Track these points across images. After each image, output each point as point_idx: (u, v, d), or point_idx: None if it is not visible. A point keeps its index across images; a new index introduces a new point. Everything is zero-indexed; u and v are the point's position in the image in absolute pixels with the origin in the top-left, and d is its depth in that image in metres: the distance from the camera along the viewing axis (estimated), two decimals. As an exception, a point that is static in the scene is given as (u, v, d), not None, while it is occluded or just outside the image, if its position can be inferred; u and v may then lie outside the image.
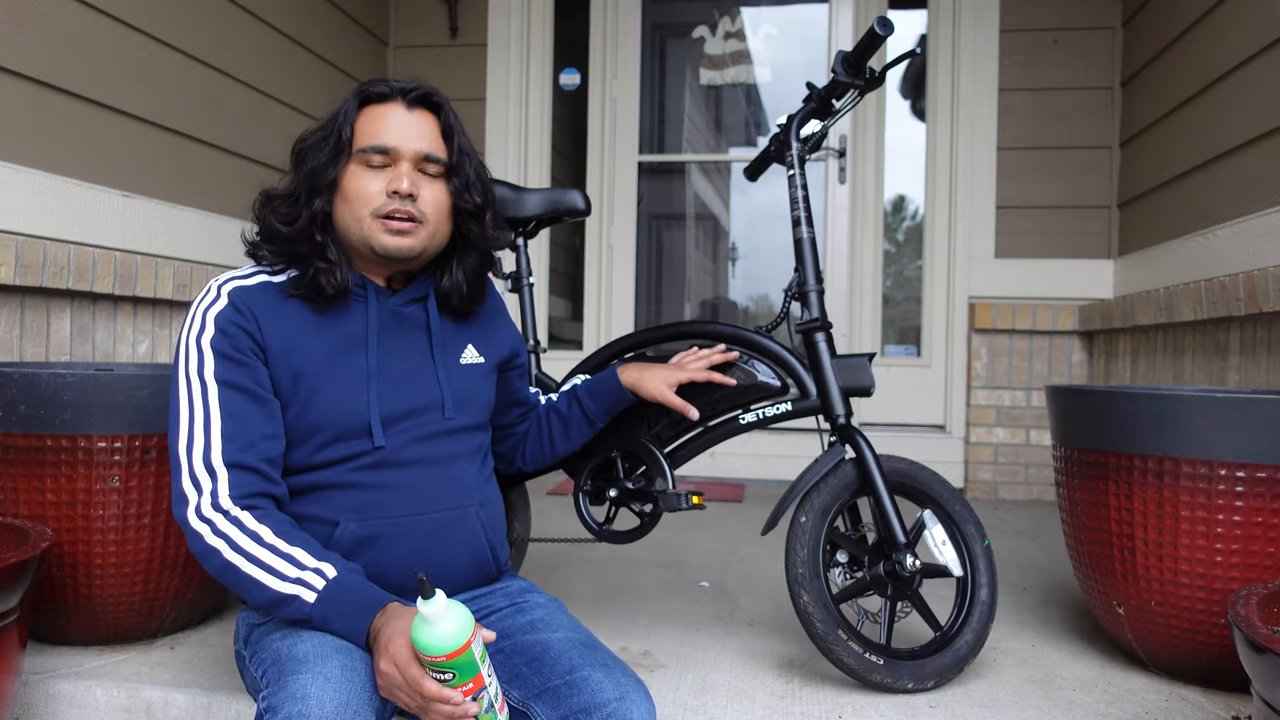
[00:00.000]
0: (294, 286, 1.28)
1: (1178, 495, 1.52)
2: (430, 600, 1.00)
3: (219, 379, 1.20)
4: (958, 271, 3.58)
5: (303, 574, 1.12)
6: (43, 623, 1.64)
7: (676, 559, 2.43)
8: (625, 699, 1.11)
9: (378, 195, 1.26)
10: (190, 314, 1.25)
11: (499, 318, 1.50)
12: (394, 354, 1.31)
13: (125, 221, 2.33)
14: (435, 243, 1.32)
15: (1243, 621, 1.13)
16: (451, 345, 1.38)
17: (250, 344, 1.23)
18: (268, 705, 1.03)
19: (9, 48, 2.01)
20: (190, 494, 1.16)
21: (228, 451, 1.18)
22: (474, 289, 1.38)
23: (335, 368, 1.26)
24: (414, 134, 1.28)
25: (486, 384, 1.42)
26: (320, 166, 1.28)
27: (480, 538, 1.33)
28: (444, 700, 1.02)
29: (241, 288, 1.27)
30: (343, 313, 1.30)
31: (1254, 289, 2.22)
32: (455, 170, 1.32)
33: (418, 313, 1.36)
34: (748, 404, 1.66)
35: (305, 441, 1.25)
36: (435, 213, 1.30)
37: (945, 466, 3.51)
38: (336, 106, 1.31)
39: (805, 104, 1.69)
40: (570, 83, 3.99)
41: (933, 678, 1.54)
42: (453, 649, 1.00)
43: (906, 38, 3.91)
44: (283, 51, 3.04)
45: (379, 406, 1.27)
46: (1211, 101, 2.70)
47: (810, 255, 1.65)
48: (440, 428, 1.32)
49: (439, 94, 1.32)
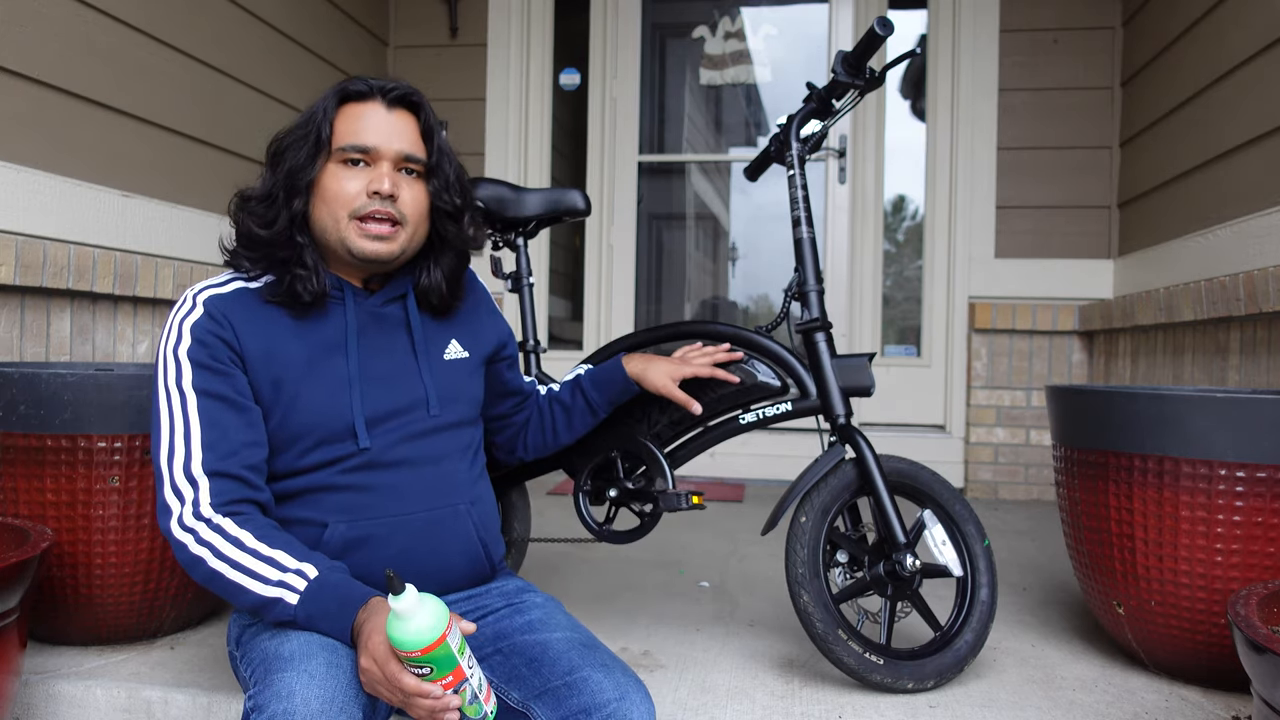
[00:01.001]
0: (270, 293, 1.27)
1: (1178, 495, 1.52)
2: (400, 596, 1.00)
3: (197, 388, 1.20)
4: (958, 271, 3.58)
5: (285, 576, 1.12)
6: (43, 623, 1.64)
7: (676, 559, 2.43)
8: (625, 699, 1.11)
9: (357, 195, 1.25)
10: (167, 325, 1.25)
11: (482, 309, 1.48)
12: (375, 355, 1.30)
13: (125, 221, 2.33)
14: (413, 244, 1.31)
15: (1243, 621, 1.13)
16: (434, 342, 1.36)
17: (228, 352, 1.22)
18: (254, 704, 1.03)
19: (9, 48, 2.01)
20: (173, 504, 1.16)
21: (208, 460, 1.17)
22: (452, 287, 1.37)
23: (315, 373, 1.26)
24: (394, 133, 1.27)
25: (473, 379, 1.41)
26: (299, 165, 1.25)
27: (472, 535, 1.33)
28: (423, 695, 1.01)
29: (216, 295, 1.26)
30: (321, 316, 1.29)
31: (1254, 289, 2.22)
32: (435, 171, 1.30)
33: (397, 311, 1.34)
34: (748, 404, 1.66)
35: (290, 447, 1.25)
36: (415, 214, 1.29)
37: (945, 466, 3.51)
38: (314, 104, 1.29)
39: (805, 104, 1.69)
40: (570, 83, 3.99)
41: (933, 678, 1.54)
42: (427, 643, 1.00)
43: (906, 38, 3.91)
44: (282, 51, 3.04)
45: (362, 408, 1.26)
46: (1211, 101, 2.70)
47: (810, 255, 1.65)
48: (427, 425, 1.31)
49: (418, 93, 1.31)
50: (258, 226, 1.26)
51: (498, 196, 1.84)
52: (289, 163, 1.26)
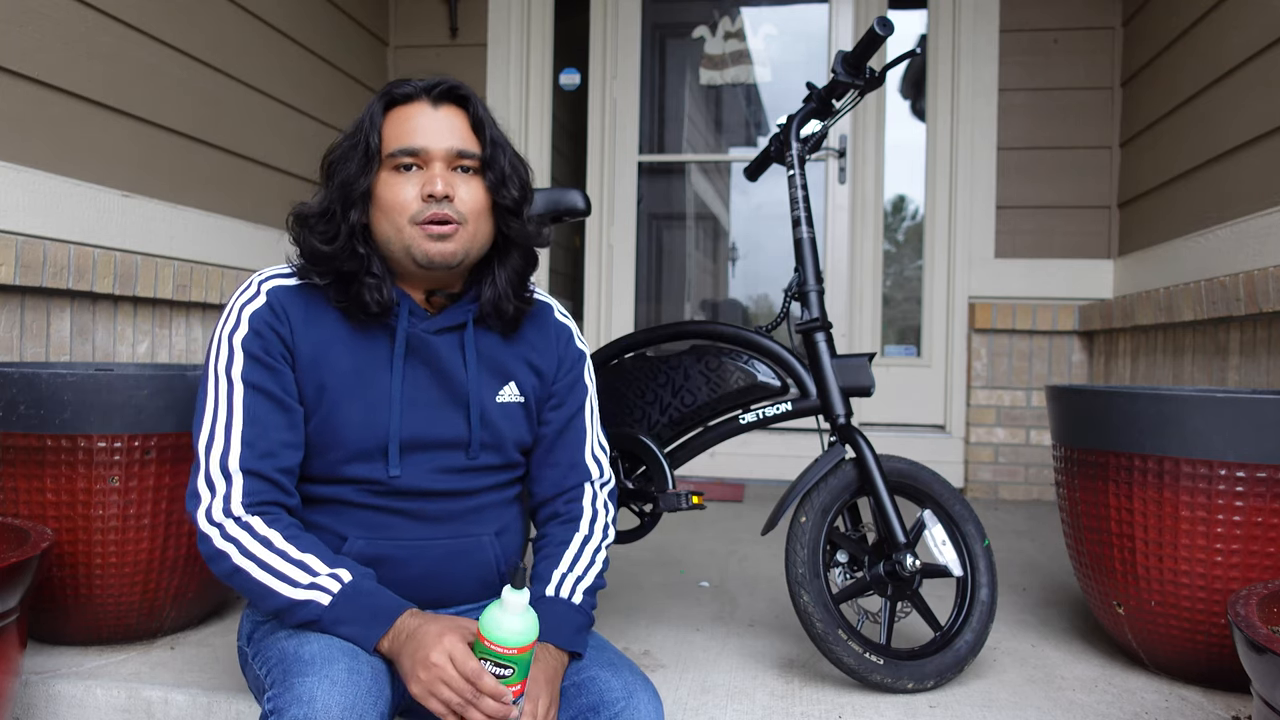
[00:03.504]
0: (338, 297, 1.24)
1: (1178, 495, 1.52)
2: (520, 591, 1.00)
3: (246, 380, 1.19)
4: (958, 271, 3.58)
5: (317, 579, 1.12)
6: (43, 623, 1.64)
7: (676, 559, 2.43)
8: (633, 698, 1.11)
9: (413, 201, 1.21)
10: (228, 307, 1.23)
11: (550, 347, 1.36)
12: (424, 381, 1.26)
13: (125, 221, 2.33)
14: (477, 244, 1.25)
15: (1243, 621, 1.13)
16: (489, 381, 1.30)
17: (281, 347, 1.21)
18: (273, 707, 1.02)
19: (9, 48, 2.01)
20: (204, 494, 1.16)
21: (245, 457, 1.17)
22: (519, 295, 1.31)
23: (360, 386, 1.23)
24: (443, 131, 1.22)
25: (526, 424, 1.33)
26: (351, 177, 1.22)
27: (491, 566, 1.30)
28: (498, 696, 1.01)
29: (282, 287, 1.24)
30: (378, 330, 1.26)
31: (1254, 289, 2.22)
32: (490, 164, 1.25)
33: (454, 341, 1.28)
34: (748, 404, 1.66)
35: (323, 454, 1.23)
36: (474, 212, 1.23)
37: (945, 466, 3.51)
38: (361, 113, 1.26)
39: (805, 104, 1.69)
40: (570, 83, 3.98)
41: (933, 678, 1.54)
42: (526, 643, 1.01)
43: (906, 38, 3.91)
44: (283, 51, 3.04)
45: (400, 431, 1.23)
46: (1211, 101, 2.70)
47: (810, 255, 1.65)
48: (462, 464, 1.28)
49: (465, 86, 1.26)
50: (321, 243, 1.23)
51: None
52: (342, 174, 1.23)
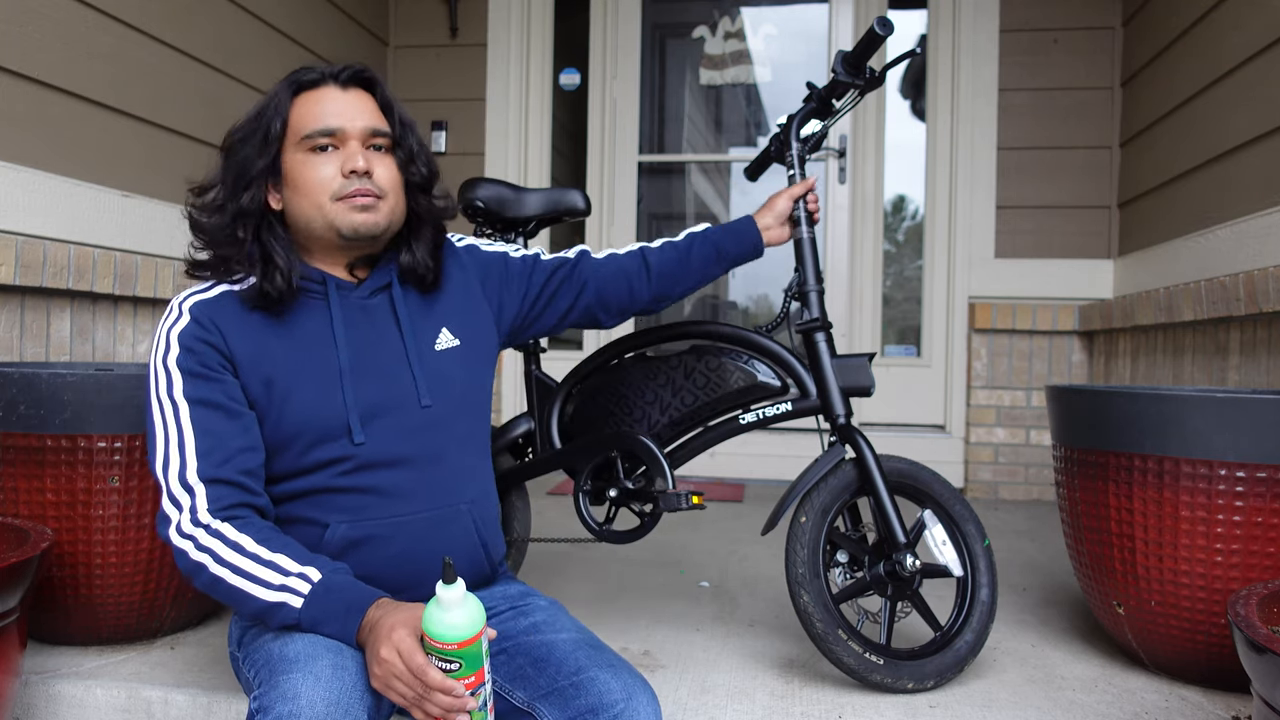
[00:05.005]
0: (247, 298, 1.27)
1: (1178, 495, 1.52)
2: (452, 585, 1.00)
3: (189, 397, 1.20)
4: (958, 271, 3.58)
5: (288, 580, 1.12)
6: (43, 623, 1.64)
7: (676, 559, 2.43)
8: (633, 699, 1.11)
9: (333, 179, 1.25)
10: (155, 335, 1.25)
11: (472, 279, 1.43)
12: (365, 348, 1.29)
13: (125, 221, 2.33)
14: (396, 218, 1.30)
15: (1243, 621, 1.13)
16: (424, 332, 1.34)
17: (218, 358, 1.22)
18: (259, 705, 1.03)
19: (9, 48, 2.01)
20: (171, 512, 1.16)
21: (203, 468, 1.17)
22: (435, 261, 1.36)
23: (306, 369, 1.25)
24: (356, 112, 1.27)
25: (468, 368, 1.38)
26: (249, 157, 1.26)
27: (473, 536, 1.32)
28: (447, 690, 1.01)
29: (202, 301, 1.26)
30: (305, 313, 1.28)
31: (1254, 289, 2.22)
32: (400, 142, 1.31)
33: (383, 303, 1.33)
34: (748, 404, 1.66)
35: (288, 448, 1.24)
36: (391, 187, 1.28)
37: (945, 466, 3.51)
38: (263, 99, 1.30)
39: (805, 104, 1.69)
40: (570, 83, 3.98)
41: (933, 678, 1.54)
42: (466, 637, 1.00)
43: (906, 38, 3.91)
44: (283, 51, 3.04)
45: (356, 402, 1.26)
46: (1211, 102, 2.70)
47: (810, 255, 1.65)
48: (421, 420, 1.29)
49: (370, 70, 1.32)
50: (204, 218, 1.28)
51: (498, 196, 1.84)
52: (239, 154, 1.27)
